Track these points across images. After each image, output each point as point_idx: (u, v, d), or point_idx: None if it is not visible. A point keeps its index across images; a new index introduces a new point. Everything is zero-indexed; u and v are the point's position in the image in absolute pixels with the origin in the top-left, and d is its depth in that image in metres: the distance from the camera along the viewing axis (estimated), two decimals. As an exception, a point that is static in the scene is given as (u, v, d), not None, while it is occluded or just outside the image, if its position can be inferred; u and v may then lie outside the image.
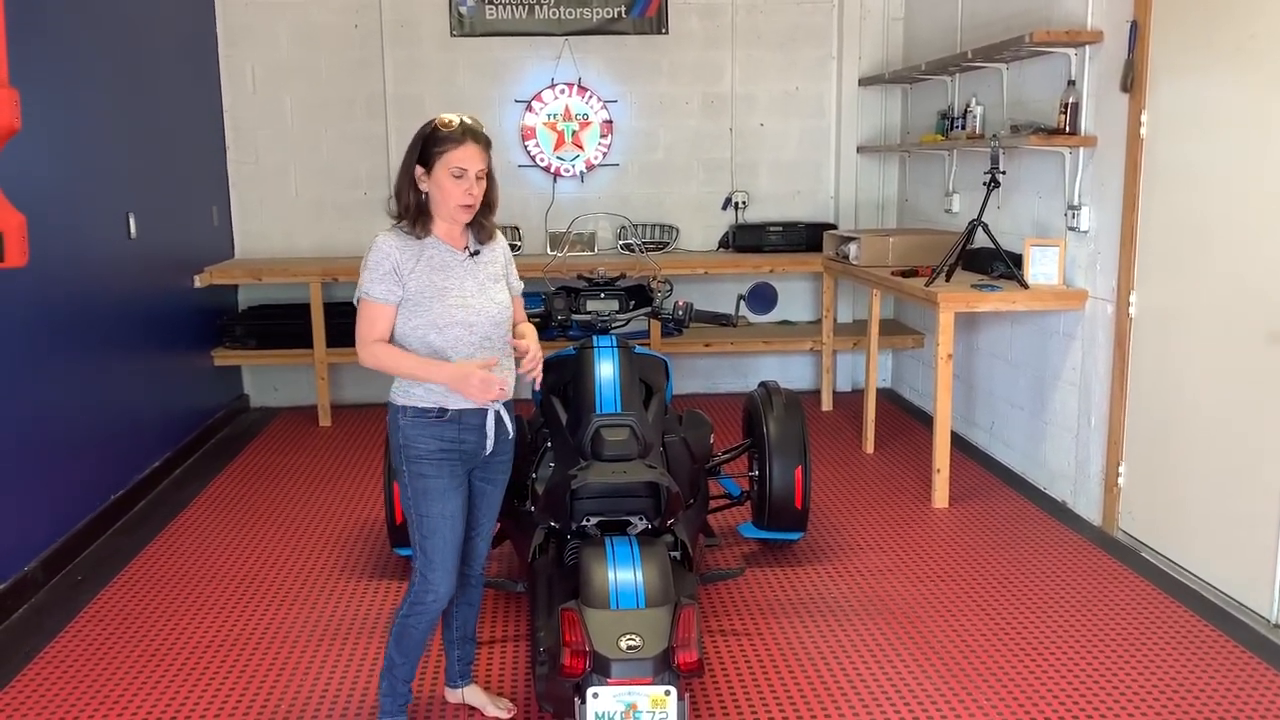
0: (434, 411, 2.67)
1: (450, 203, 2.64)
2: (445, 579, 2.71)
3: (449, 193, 2.62)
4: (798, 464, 3.99)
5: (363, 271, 2.65)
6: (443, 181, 2.62)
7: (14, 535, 3.81)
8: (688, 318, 3.66)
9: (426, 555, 2.70)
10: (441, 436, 2.67)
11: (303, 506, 4.85)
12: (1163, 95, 3.98)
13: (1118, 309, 4.28)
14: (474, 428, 2.71)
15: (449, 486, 2.69)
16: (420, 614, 2.73)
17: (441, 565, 2.70)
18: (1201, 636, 3.46)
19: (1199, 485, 3.84)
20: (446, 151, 2.60)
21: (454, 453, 2.69)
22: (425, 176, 2.64)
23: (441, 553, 2.70)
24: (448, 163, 2.61)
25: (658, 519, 2.91)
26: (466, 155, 2.61)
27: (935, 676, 3.23)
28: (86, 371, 4.49)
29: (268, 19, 6.37)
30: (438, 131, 2.62)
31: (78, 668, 3.34)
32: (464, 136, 2.61)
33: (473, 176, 2.63)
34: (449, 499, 2.69)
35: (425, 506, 2.68)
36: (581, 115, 6.60)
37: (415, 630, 2.75)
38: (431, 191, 2.65)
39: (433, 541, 2.69)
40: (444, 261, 2.68)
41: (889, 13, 6.57)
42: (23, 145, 3.65)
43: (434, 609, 2.73)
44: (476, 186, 2.64)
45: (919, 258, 5.32)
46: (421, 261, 2.65)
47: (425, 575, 2.70)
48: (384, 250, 2.64)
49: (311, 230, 6.59)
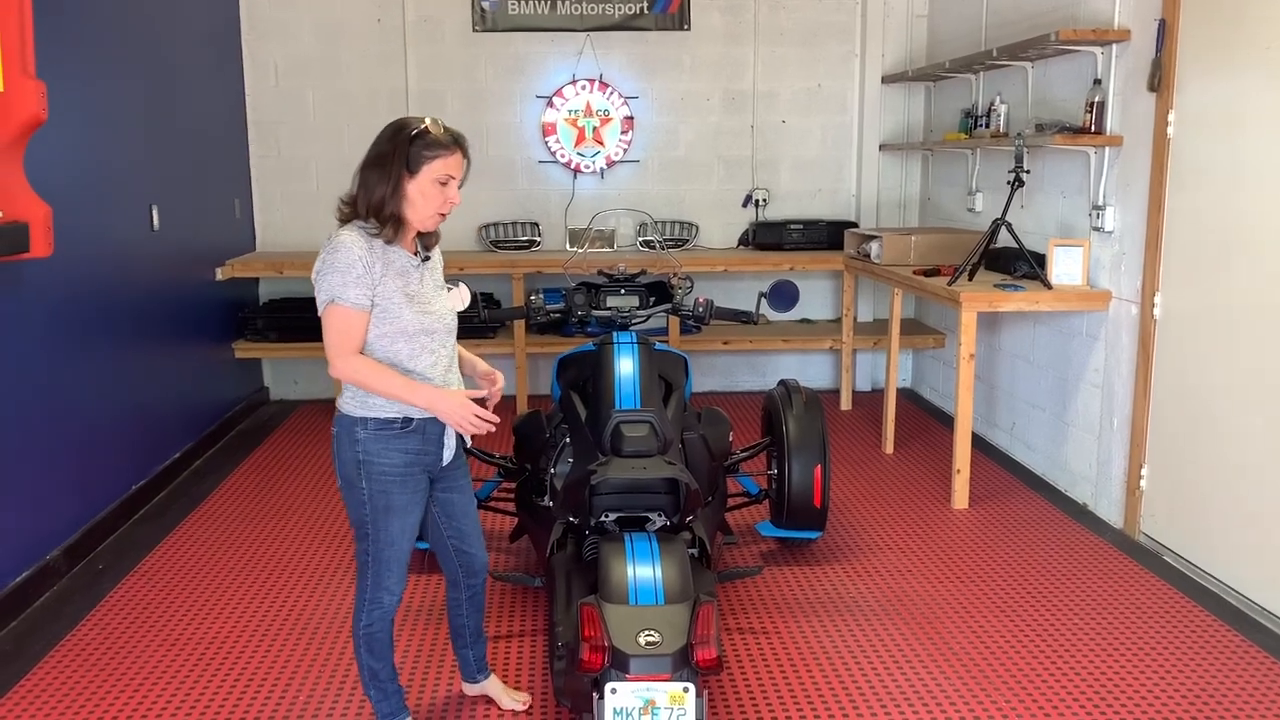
0: (398, 422, 2.56)
1: (429, 209, 2.53)
2: (399, 582, 2.68)
3: (430, 199, 2.52)
4: (817, 463, 3.97)
5: (328, 274, 2.47)
6: (426, 188, 2.50)
7: (37, 524, 3.84)
8: (708, 315, 3.65)
9: (384, 563, 2.63)
10: (406, 449, 2.58)
11: (322, 499, 4.86)
12: (1190, 95, 3.94)
13: (1142, 310, 4.24)
14: (434, 438, 2.64)
15: (413, 502, 2.62)
16: (380, 616, 2.68)
17: (398, 570, 2.66)
18: (1224, 641, 3.43)
19: (1222, 488, 3.81)
20: (437, 158, 2.50)
21: (417, 465, 2.61)
22: (408, 178, 2.50)
23: (399, 562, 2.65)
24: (435, 170, 2.50)
25: (676, 515, 2.91)
26: (455, 164, 2.53)
27: (954, 677, 3.21)
28: (109, 362, 4.52)
29: (291, 13, 6.39)
30: (426, 136, 2.50)
31: (98, 656, 3.36)
32: (453, 145, 2.53)
33: (455, 186, 2.56)
34: (411, 514, 2.63)
35: (386, 522, 2.60)
36: (602, 111, 6.59)
37: (380, 633, 2.71)
38: (411, 199, 2.51)
39: (390, 552, 2.63)
40: (404, 266, 2.56)
41: (913, 9, 6.53)
42: (48, 137, 3.68)
43: (391, 606, 2.69)
44: (456, 195, 2.57)
45: (941, 257, 5.29)
46: (387, 266, 2.52)
47: (380, 582, 2.65)
48: (353, 251, 2.47)
49: (332, 224, 6.49)
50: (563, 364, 3.74)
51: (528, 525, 3.81)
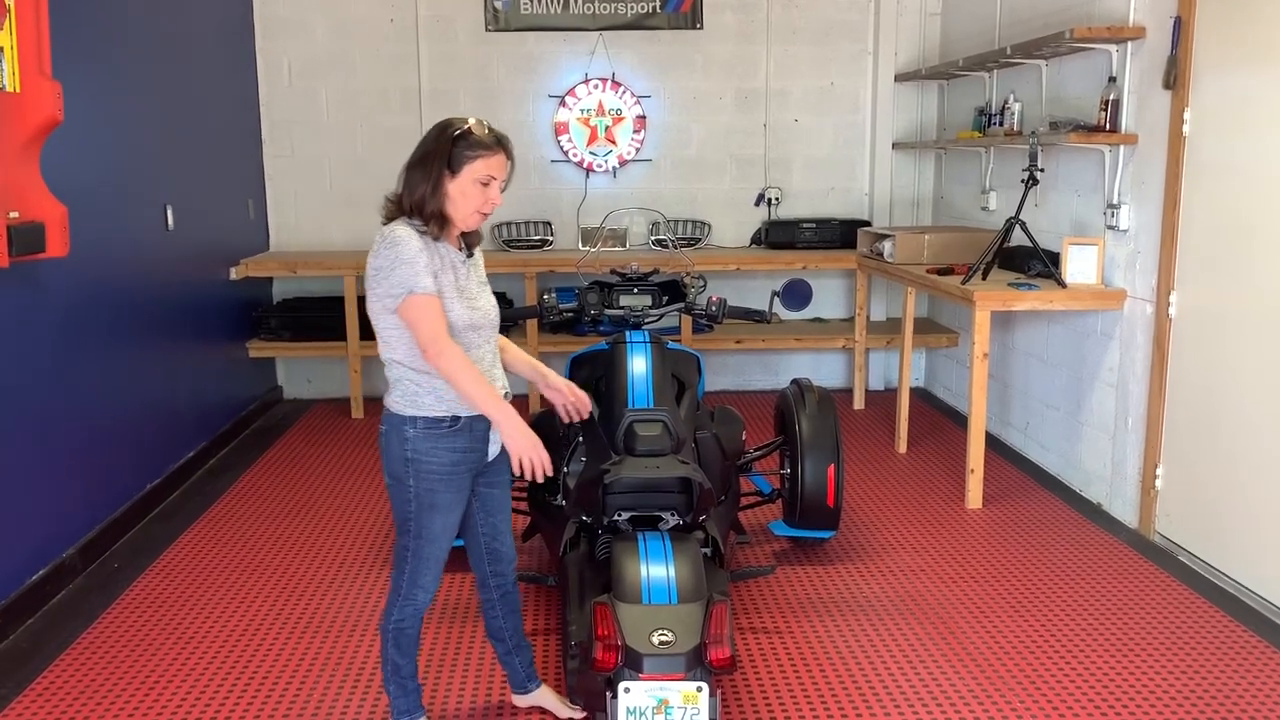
0: (446, 421, 2.58)
1: (470, 208, 2.55)
2: (434, 581, 2.69)
3: (471, 199, 2.54)
4: (830, 462, 3.96)
5: (397, 267, 2.48)
6: (467, 188, 2.53)
7: (52, 522, 3.87)
8: (721, 314, 3.65)
9: (421, 560, 2.65)
10: (454, 448, 2.59)
11: (335, 497, 4.88)
12: (1206, 92, 3.92)
13: (1157, 309, 4.22)
14: (481, 435, 2.65)
15: (456, 500, 2.65)
16: (411, 613, 2.69)
17: (435, 569, 2.67)
18: (1240, 641, 3.41)
19: (1239, 488, 3.78)
20: (479, 159, 2.52)
21: (464, 464, 2.63)
22: (449, 178, 2.54)
23: (437, 559, 2.67)
24: (477, 170, 2.53)
25: (689, 515, 2.90)
26: (497, 165, 2.56)
27: (968, 677, 3.20)
28: (123, 361, 4.54)
29: (304, 12, 6.41)
30: (469, 136, 2.54)
31: (114, 653, 3.38)
32: (495, 145, 2.56)
33: (497, 186, 2.58)
34: (454, 512, 2.65)
35: (429, 519, 2.62)
36: (615, 110, 6.59)
37: (409, 630, 2.71)
38: (453, 197, 2.55)
39: (430, 549, 2.64)
40: (452, 261, 2.60)
41: (926, 8, 6.51)
42: (64, 138, 3.70)
43: (423, 604, 2.70)
44: (498, 196, 2.59)
45: (954, 256, 5.27)
46: (440, 261, 2.56)
47: (416, 580, 2.66)
48: (412, 243, 2.50)
49: (345, 223, 6.62)
50: (575, 363, 3.74)
51: (540, 524, 3.81)
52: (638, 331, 3.51)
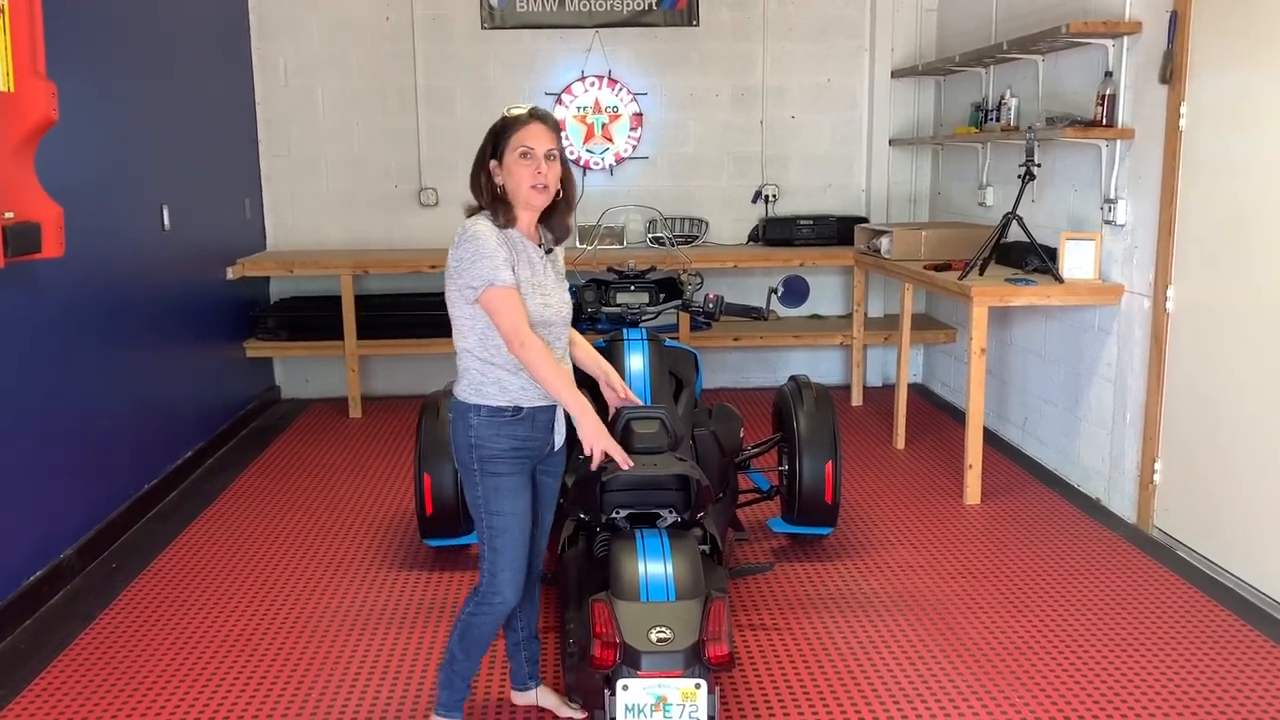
0: (509, 410, 2.63)
1: (523, 185, 2.59)
2: (513, 581, 2.68)
3: (520, 176, 2.58)
4: (828, 459, 3.96)
5: (476, 261, 2.53)
6: (512, 166, 2.58)
7: (50, 522, 3.86)
8: (718, 310, 3.64)
9: (497, 553, 2.67)
10: (515, 435, 2.64)
11: (333, 498, 4.88)
12: (1203, 87, 3.92)
13: (1155, 304, 4.22)
14: (544, 425, 2.70)
15: (520, 485, 2.68)
16: (486, 614, 2.70)
17: (511, 565, 2.67)
18: (1239, 636, 3.41)
19: (1237, 482, 3.78)
20: (513, 134, 2.59)
21: (525, 451, 2.68)
22: (499, 168, 2.61)
23: (512, 552, 2.67)
24: (514, 144, 2.58)
25: (687, 512, 2.90)
26: (532, 134, 2.59)
27: (966, 673, 3.20)
28: (121, 361, 4.53)
29: (300, 11, 6.40)
30: (505, 119, 2.62)
31: (112, 654, 3.38)
32: (530, 118, 2.61)
33: (540, 156, 2.59)
34: (520, 497, 2.68)
35: (498, 504, 2.65)
36: (611, 108, 6.58)
37: (479, 630, 2.72)
38: (506, 182, 2.60)
39: (504, 540, 2.66)
40: (530, 256, 2.65)
41: (922, 3, 6.50)
42: (59, 138, 3.70)
43: (500, 611, 2.70)
44: (546, 166, 2.60)
45: (952, 251, 5.27)
46: (516, 254, 2.60)
47: (495, 576, 2.67)
48: (490, 238, 2.56)
49: (342, 223, 6.62)
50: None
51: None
52: (635, 329, 3.51)
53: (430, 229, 6.58)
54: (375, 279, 6.49)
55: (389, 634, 3.50)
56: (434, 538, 3.98)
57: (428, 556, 4.13)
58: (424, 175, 6.60)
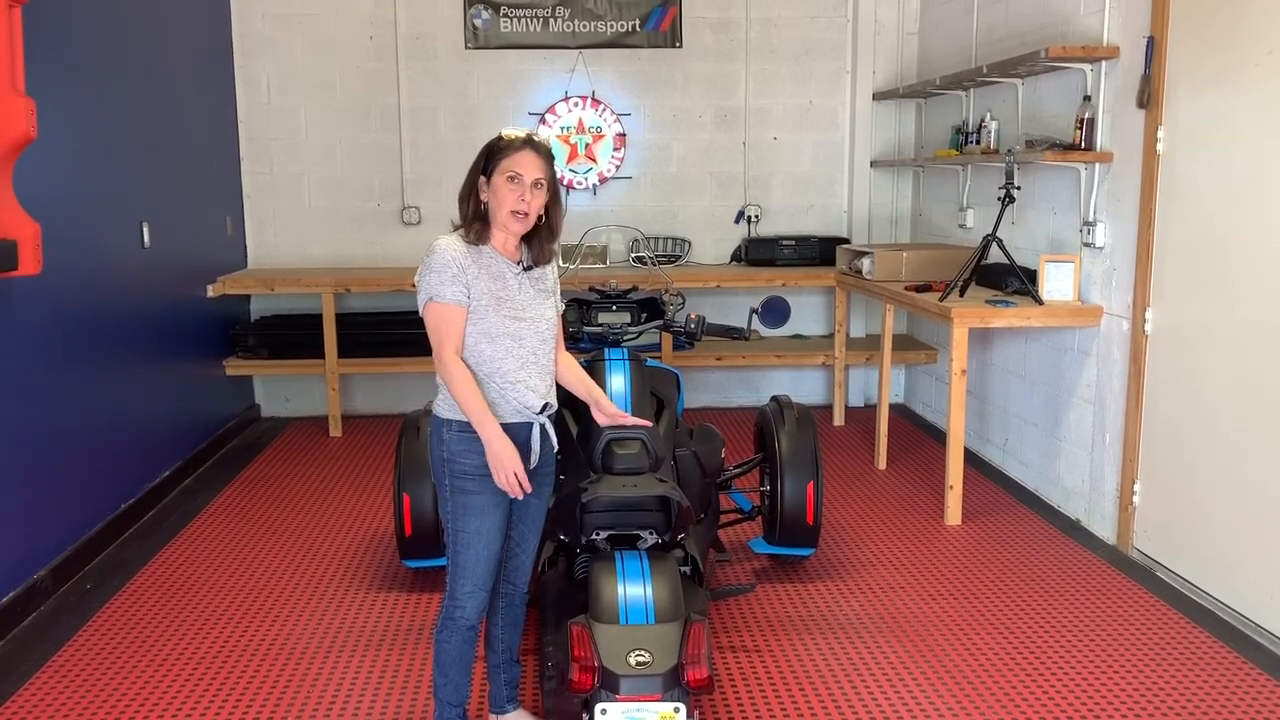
0: None
1: (504, 208, 2.62)
2: (474, 596, 2.68)
3: (503, 198, 2.61)
4: (809, 479, 3.96)
5: (426, 274, 2.62)
6: (498, 187, 2.62)
7: (24, 542, 3.81)
8: (700, 330, 3.65)
9: (459, 568, 2.67)
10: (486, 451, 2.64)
11: (313, 517, 4.84)
12: (1180, 110, 3.96)
13: (1133, 325, 4.25)
14: (520, 443, 2.68)
15: (490, 503, 2.67)
16: (450, 629, 2.70)
17: (471, 581, 2.67)
18: (1217, 657, 3.42)
19: (1216, 504, 3.80)
20: (505, 157, 2.62)
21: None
22: (485, 186, 2.65)
23: (473, 569, 2.67)
24: (504, 167, 2.61)
25: (668, 533, 2.89)
26: (523, 160, 2.62)
27: (947, 695, 3.19)
28: (99, 380, 4.49)
29: (283, 30, 6.40)
30: (500, 140, 2.66)
31: (86, 675, 3.33)
32: (524, 144, 2.64)
33: (528, 183, 2.62)
34: (489, 515, 2.68)
35: (464, 521, 2.66)
36: (595, 128, 6.60)
37: (445, 647, 2.71)
38: (490, 201, 2.65)
39: (466, 556, 2.67)
40: (500, 271, 2.67)
41: (903, 27, 6.56)
42: (38, 154, 3.68)
43: (462, 626, 2.69)
44: (531, 194, 2.63)
45: (933, 273, 5.30)
46: (480, 268, 2.64)
47: (455, 590, 2.68)
48: (448, 253, 2.62)
49: (325, 241, 6.60)
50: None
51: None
52: (617, 349, 3.50)
53: (413, 248, 6.57)
54: (357, 298, 6.47)
55: (366, 656, 3.47)
56: (413, 558, 3.95)
57: (406, 577, 4.10)
58: (407, 194, 6.60)
